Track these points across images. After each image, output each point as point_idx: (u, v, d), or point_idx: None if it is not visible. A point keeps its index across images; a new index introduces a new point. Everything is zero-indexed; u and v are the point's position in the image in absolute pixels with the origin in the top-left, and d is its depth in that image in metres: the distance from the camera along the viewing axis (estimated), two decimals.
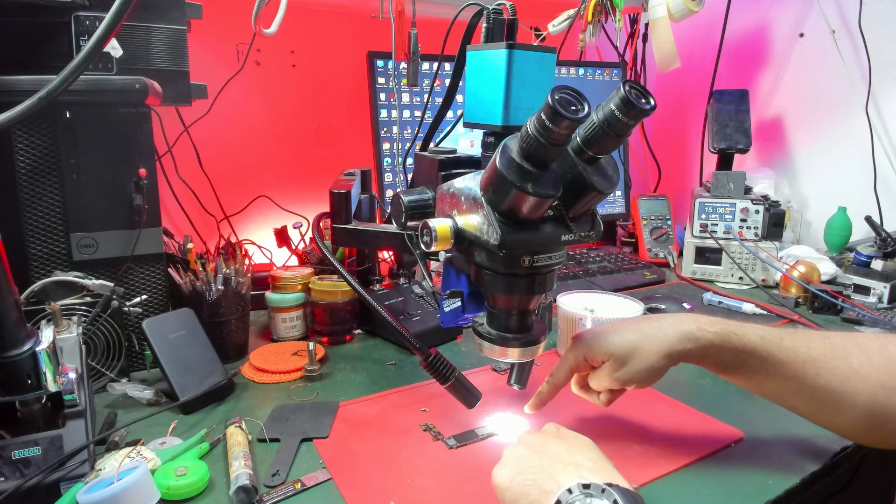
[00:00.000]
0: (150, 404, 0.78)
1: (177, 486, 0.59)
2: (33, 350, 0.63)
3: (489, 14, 0.65)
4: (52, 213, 0.81)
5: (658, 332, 0.62)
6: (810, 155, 1.55)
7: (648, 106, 0.53)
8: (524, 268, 0.59)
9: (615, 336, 0.64)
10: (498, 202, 0.56)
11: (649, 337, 0.62)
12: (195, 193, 1.31)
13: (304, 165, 1.45)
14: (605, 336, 0.65)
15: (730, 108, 1.48)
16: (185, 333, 0.83)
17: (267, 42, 1.22)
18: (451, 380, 0.71)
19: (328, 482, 0.63)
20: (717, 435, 0.71)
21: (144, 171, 0.84)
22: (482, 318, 0.68)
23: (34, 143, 0.79)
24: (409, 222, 0.68)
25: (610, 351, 0.64)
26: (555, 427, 0.60)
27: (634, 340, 0.63)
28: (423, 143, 0.77)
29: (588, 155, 0.56)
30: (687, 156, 1.80)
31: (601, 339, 0.65)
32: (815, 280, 1.19)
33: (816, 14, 1.47)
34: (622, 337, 0.64)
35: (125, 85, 0.81)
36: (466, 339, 1.02)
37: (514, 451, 0.56)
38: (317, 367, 0.87)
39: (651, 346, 0.62)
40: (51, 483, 0.58)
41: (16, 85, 0.74)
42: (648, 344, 0.62)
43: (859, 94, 1.41)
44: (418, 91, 1.30)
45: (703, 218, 1.37)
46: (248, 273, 0.94)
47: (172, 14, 0.91)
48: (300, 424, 0.73)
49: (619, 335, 0.64)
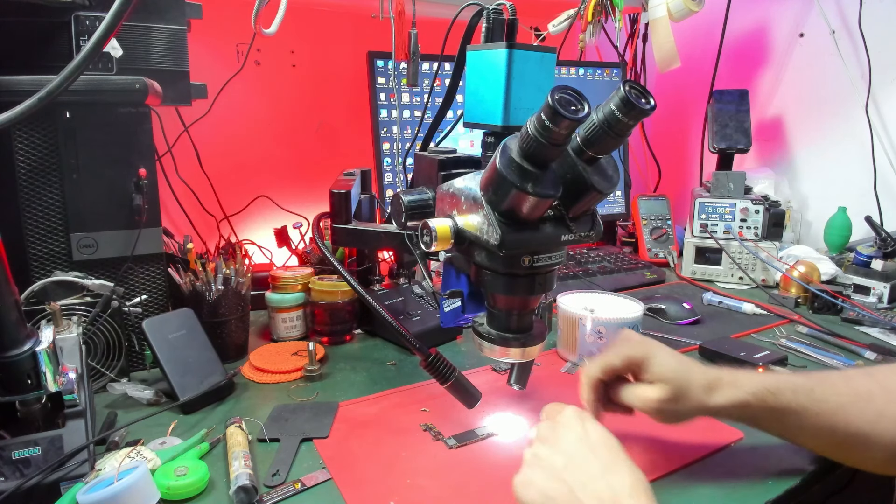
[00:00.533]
0: (150, 404, 0.78)
1: (177, 486, 0.59)
2: (33, 350, 0.63)
3: (489, 14, 0.65)
4: (52, 213, 0.81)
5: (702, 379, 0.60)
6: (810, 155, 1.55)
7: (648, 106, 0.53)
8: (524, 268, 0.59)
9: (673, 361, 0.61)
10: (498, 202, 0.56)
11: (694, 382, 0.60)
12: (195, 193, 1.31)
13: (304, 165, 1.45)
14: (670, 357, 0.61)
15: (730, 108, 1.48)
16: (185, 333, 0.83)
17: (267, 42, 1.22)
18: (451, 380, 0.71)
19: (328, 482, 0.63)
20: (717, 435, 0.71)
21: (144, 171, 0.84)
22: (482, 318, 0.68)
23: (34, 143, 0.79)
24: (409, 222, 0.68)
25: (667, 377, 0.60)
26: (578, 419, 0.55)
27: (688, 377, 0.60)
28: (423, 143, 0.77)
29: (588, 155, 0.56)
30: (687, 156, 1.80)
31: (664, 356, 0.61)
32: (815, 280, 1.19)
33: (816, 14, 1.47)
34: (681, 366, 0.61)
35: (125, 85, 0.81)
36: (466, 339, 1.02)
37: (537, 462, 0.53)
38: (317, 367, 0.87)
39: (694, 394, 0.59)
40: (51, 483, 0.58)
41: (16, 85, 0.74)
42: (694, 390, 0.60)
43: (859, 94, 1.41)
44: (418, 91, 1.30)
45: (703, 218, 1.37)
46: (248, 273, 0.94)
47: (172, 14, 0.91)
48: (300, 424, 0.73)
49: (678, 363, 0.61)
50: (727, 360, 0.90)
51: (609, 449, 0.53)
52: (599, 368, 0.63)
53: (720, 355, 0.91)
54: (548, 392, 0.83)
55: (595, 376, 0.63)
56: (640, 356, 0.61)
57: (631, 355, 0.62)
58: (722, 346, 0.93)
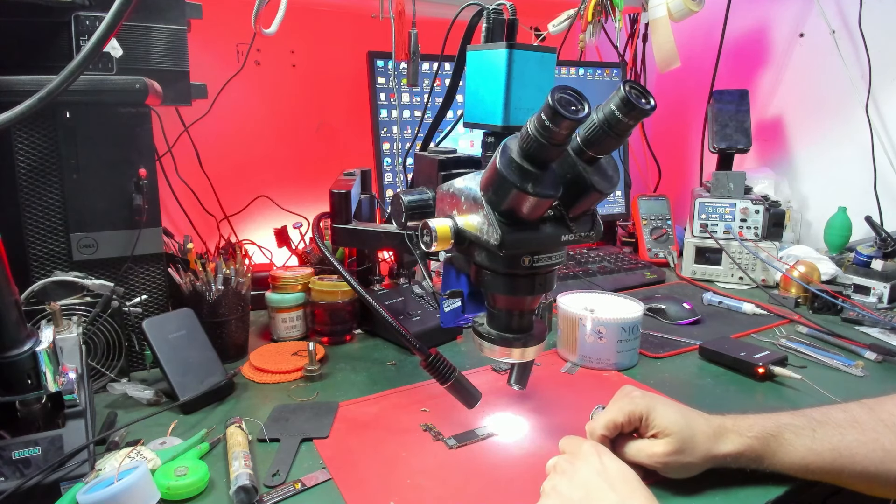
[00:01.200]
0: (150, 404, 0.78)
1: (177, 486, 0.59)
2: (33, 350, 0.63)
3: (489, 14, 0.65)
4: (52, 213, 0.81)
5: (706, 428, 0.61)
6: (810, 155, 1.55)
7: (648, 106, 0.53)
8: (524, 268, 0.59)
9: (676, 414, 0.61)
10: (498, 202, 0.56)
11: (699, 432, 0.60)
12: (195, 193, 1.31)
13: (304, 165, 1.45)
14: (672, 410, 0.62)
15: (730, 108, 1.48)
16: (185, 333, 0.83)
17: (267, 42, 1.22)
18: (451, 380, 0.71)
19: (328, 482, 0.63)
20: None
21: (144, 171, 0.84)
22: (482, 318, 0.68)
23: (34, 143, 0.79)
24: (409, 222, 0.68)
25: (671, 429, 0.60)
26: (596, 453, 0.56)
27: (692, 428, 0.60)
28: (423, 143, 0.77)
29: (588, 155, 0.56)
30: (687, 156, 1.80)
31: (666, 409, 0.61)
32: (815, 280, 1.19)
33: (816, 14, 1.47)
34: (684, 419, 0.61)
35: (125, 85, 0.81)
36: (466, 339, 1.02)
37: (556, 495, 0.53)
38: (317, 367, 0.87)
39: (700, 444, 0.60)
40: (51, 483, 0.58)
41: (16, 85, 0.74)
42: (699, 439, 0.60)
43: (859, 95, 1.41)
44: (418, 91, 1.30)
45: (703, 218, 1.37)
46: (248, 273, 0.94)
47: (172, 14, 0.91)
48: (300, 424, 0.73)
49: (681, 415, 0.61)
50: (727, 359, 0.90)
51: (626, 482, 0.53)
52: (603, 426, 0.63)
53: (720, 355, 0.91)
54: (548, 392, 0.83)
55: (599, 434, 0.63)
56: (642, 410, 0.61)
57: (632, 410, 0.62)
58: (722, 346, 0.93)
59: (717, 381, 0.87)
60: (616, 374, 0.89)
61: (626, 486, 0.53)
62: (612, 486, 0.53)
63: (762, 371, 0.85)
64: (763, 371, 0.85)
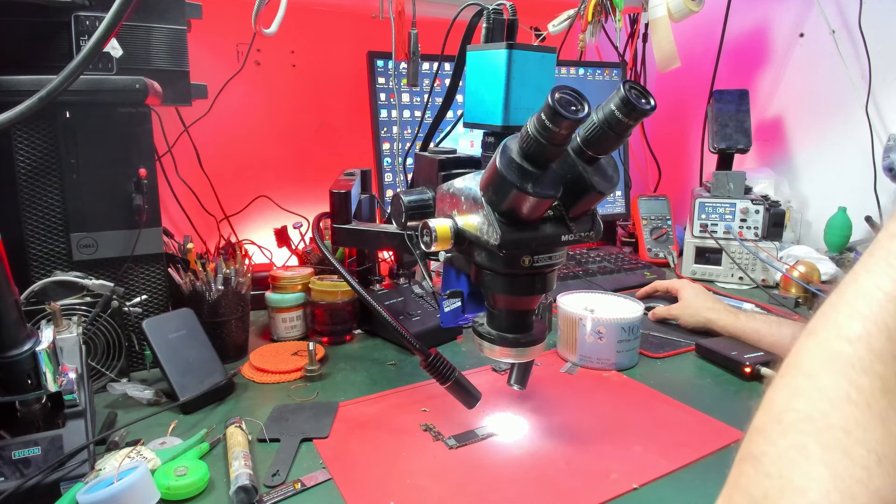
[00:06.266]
0: (150, 404, 0.78)
1: (177, 486, 0.59)
2: (33, 350, 0.63)
3: (489, 14, 0.65)
4: (52, 213, 0.81)
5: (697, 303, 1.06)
6: (810, 155, 1.55)
7: (648, 106, 0.53)
8: (524, 268, 0.59)
9: (692, 292, 1.09)
10: (498, 202, 0.56)
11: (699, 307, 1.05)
12: (195, 193, 1.31)
13: (304, 165, 1.45)
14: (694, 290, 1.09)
15: (730, 108, 1.48)
16: (185, 333, 0.83)
17: (267, 42, 1.22)
18: (451, 380, 0.71)
19: (328, 482, 0.63)
20: (717, 435, 0.71)
21: (144, 171, 0.84)
22: (482, 318, 0.68)
23: (34, 143, 0.79)
24: (409, 222, 0.68)
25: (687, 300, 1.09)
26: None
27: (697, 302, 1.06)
28: (423, 144, 0.77)
29: (588, 155, 0.56)
30: (687, 156, 1.80)
31: (690, 289, 1.09)
32: (815, 280, 1.19)
33: (816, 14, 1.47)
34: (696, 296, 1.08)
35: (125, 85, 0.81)
36: (466, 339, 1.02)
37: None
38: (317, 367, 0.87)
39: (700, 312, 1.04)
40: (51, 483, 0.58)
41: (16, 85, 0.74)
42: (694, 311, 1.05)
43: (859, 95, 1.41)
44: (418, 91, 1.30)
45: (703, 218, 1.37)
46: (248, 273, 0.94)
47: (172, 14, 0.91)
48: (300, 424, 0.73)
49: (694, 293, 1.08)
50: (719, 358, 0.91)
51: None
52: (652, 287, 1.17)
53: (713, 353, 0.92)
54: (548, 392, 0.83)
55: (646, 291, 1.15)
56: (676, 287, 1.11)
57: (670, 286, 1.13)
58: (718, 345, 0.93)
59: (717, 381, 0.87)
60: (616, 374, 0.89)
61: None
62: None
63: (749, 371, 0.86)
64: (750, 371, 0.86)
